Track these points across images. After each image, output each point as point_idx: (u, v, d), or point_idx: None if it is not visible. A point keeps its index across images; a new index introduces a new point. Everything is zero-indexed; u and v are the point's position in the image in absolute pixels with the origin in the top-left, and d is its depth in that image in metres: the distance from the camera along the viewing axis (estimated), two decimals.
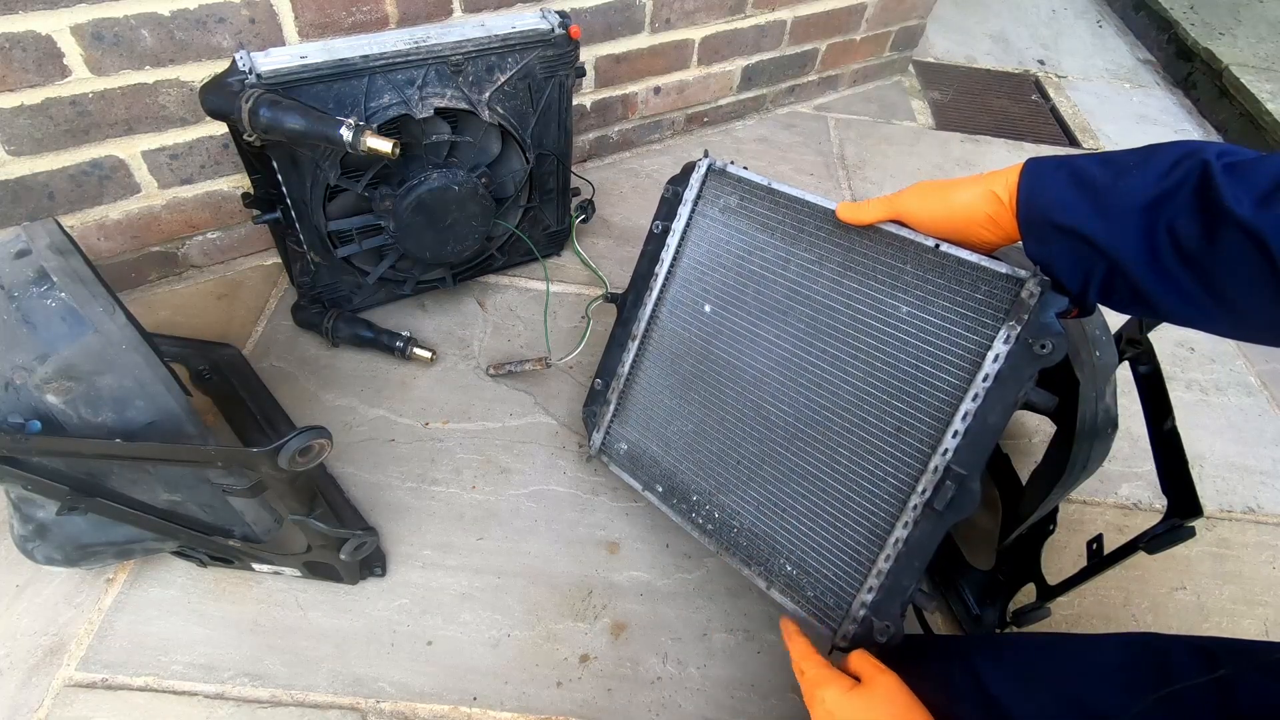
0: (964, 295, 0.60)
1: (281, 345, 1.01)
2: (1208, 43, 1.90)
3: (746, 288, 0.74)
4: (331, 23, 0.95)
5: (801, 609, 0.72)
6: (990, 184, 0.55)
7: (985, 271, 0.58)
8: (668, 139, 1.48)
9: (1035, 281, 0.55)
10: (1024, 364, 0.56)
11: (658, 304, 0.80)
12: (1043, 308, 0.55)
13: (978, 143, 1.62)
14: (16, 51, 0.80)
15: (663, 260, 0.78)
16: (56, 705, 0.69)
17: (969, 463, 0.59)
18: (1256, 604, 0.89)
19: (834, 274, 0.68)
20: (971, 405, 0.59)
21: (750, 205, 0.73)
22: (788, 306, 0.71)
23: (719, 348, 0.76)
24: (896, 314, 0.64)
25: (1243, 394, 1.14)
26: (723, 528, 0.77)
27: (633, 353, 0.82)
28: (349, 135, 0.73)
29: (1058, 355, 0.54)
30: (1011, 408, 0.57)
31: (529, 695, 0.73)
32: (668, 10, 1.24)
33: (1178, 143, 0.49)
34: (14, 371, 0.57)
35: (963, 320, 0.60)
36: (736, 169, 0.74)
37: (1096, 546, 0.72)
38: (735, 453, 0.75)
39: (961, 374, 0.60)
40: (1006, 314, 0.57)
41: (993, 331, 0.58)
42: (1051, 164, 0.52)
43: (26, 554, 0.69)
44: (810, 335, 0.69)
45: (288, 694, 0.71)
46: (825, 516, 0.69)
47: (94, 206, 0.95)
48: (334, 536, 0.69)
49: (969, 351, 0.60)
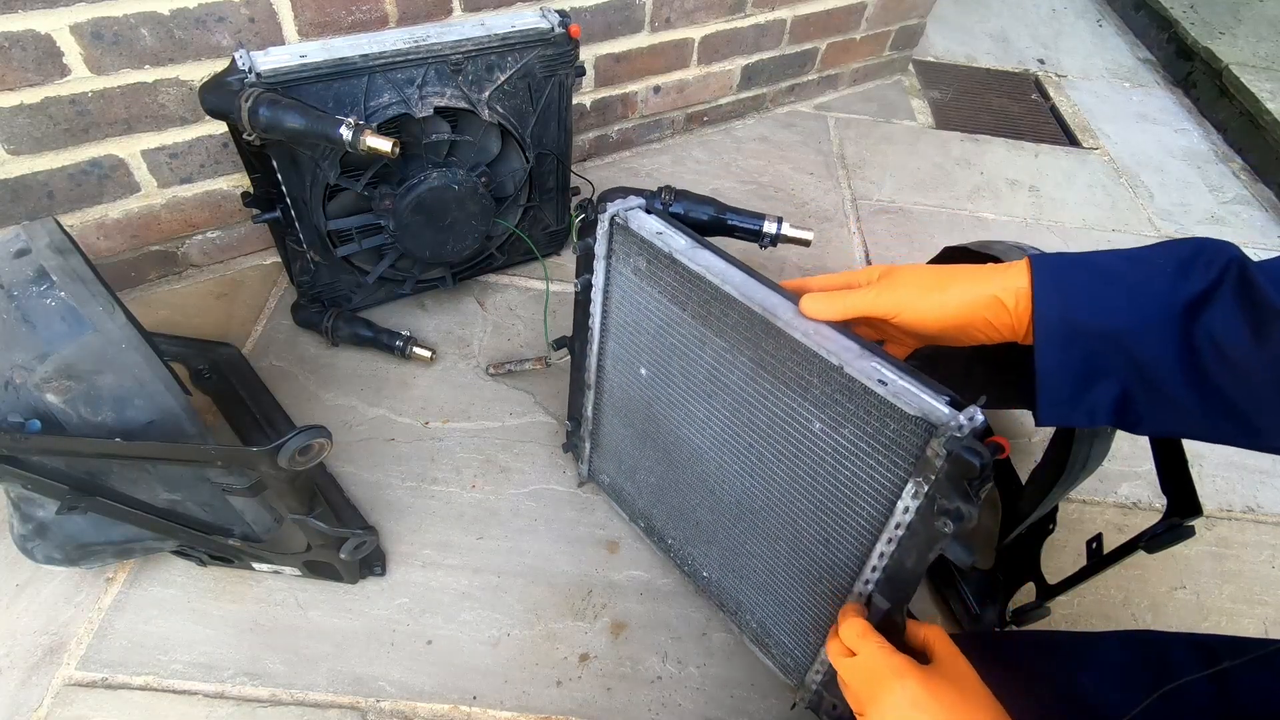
0: (873, 428, 0.50)
1: (281, 344, 1.01)
2: (1208, 42, 1.90)
3: (672, 361, 0.65)
4: (331, 22, 0.95)
5: (768, 660, 0.74)
6: (991, 286, 0.48)
7: (892, 409, 0.48)
8: (667, 138, 1.48)
9: (944, 440, 0.44)
10: (932, 529, 0.48)
11: (601, 355, 0.74)
12: (953, 469, 0.45)
13: (978, 142, 1.62)
14: (16, 50, 0.80)
15: (593, 315, 0.71)
16: (56, 704, 0.69)
17: (891, 596, 0.54)
18: (1256, 603, 0.89)
19: (747, 368, 0.58)
20: (886, 548, 0.52)
21: (658, 272, 0.61)
22: (711, 390, 0.63)
23: (660, 412, 0.70)
24: (810, 428, 0.55)
25: None
26: (695, 574, 0.79)
27: (591, 400, 0.78)
28: (348, 134, 0.73)
29: (966, 528, 0.46)
30: (927, 560, 0.50)
31: (529, 694, 0.73)
32: (667, 9, 1.24)
33: (1198, 239, 0.45)
34: (13, 371, 0.57)
35: (873, 454, 0.51)
36: (640, 222, 0.61)
37: (1096, 546, 0.72)
38: (693, 514, 0.74)
39: (875, 511, 0.53)
40: (914, 464, 0.48)
41: (904, 476, 0.49)
42: (1067, 260, 0.47)
43: (26, 553, 0.69)
44: (736, 425, 0.62)
45: (288, 693, 0.71)
46: (775, 594, 0.68)
47: (93, 206, 0.95)
48: (334, 536, 0.69)
49: (882, 488, 0.51)
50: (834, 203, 1.39)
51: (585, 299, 0.71)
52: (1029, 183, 1.52)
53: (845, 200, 1.40)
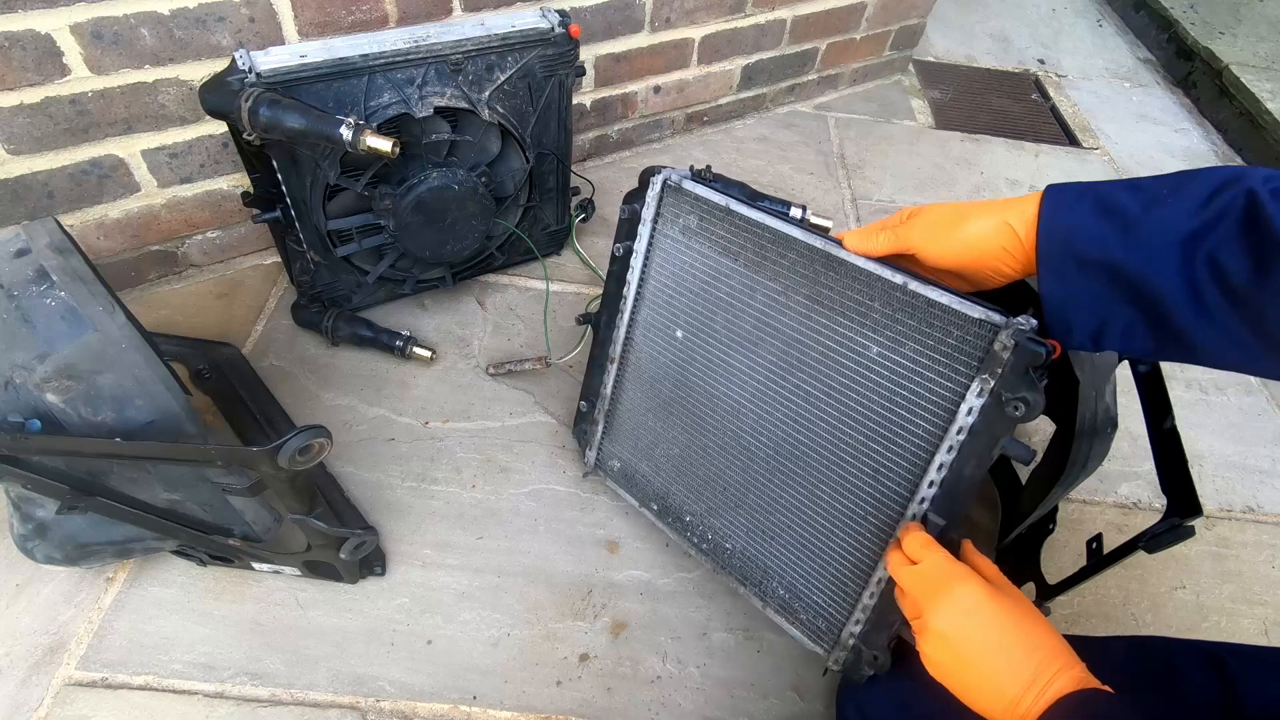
0: (935, 339, 0.54)
1: (281, 344, 1.01)
2: (1208, 42, 1.90)
3: (715, 315, 0.68)
4: (331, 21, 0.95)
5: (796, 629, 0.73)
6: (1004, 214, 0.50)
7: (957, 315, 0.52)
8: (668, 138, 1.48)
9: (1010, 333, 0.49)
10: (998, 421, 0.52)
11: (630, 326, 0.75)
12: (1019, 360, 0.49)
13: (978, 142, 1.62)
14: (16, 50, 0.80)
15: (629, 282, 0.73)
16: (56, 704, 0.69)
17: (947, 512, 0.56)
18: (1256, 603, 0.89)
19: (802, 307, 0.62)
20: (946, 457, 0.55)
21: (710, 227, 0.66)
22: (758, 338, 0.65)
23: (694, 375, 0.72)
24: (867, 354, 0.58)
25: (1242, 393, 1.14)
26: (716, 548, 0.78)
27: (613, 375, 0.79)
28: (349, 134, 0.73)
29: (1034, 415, 0.50)
30: (988, 461, 0.53)
31: (529, 694, 0.73)
32: (668, 9, 1.24)
33: (1216, 169, 0.45)
34: (14, 370, 0.57)
35: (934, 366, 0.55)
36: (693, 185, 0.66)
37: (1096, 545, 0.72)
38: (721, 479, 0.74)
39: (936, 422, 0.56)
40: (980, 364, 0.52)
41: (966, 380, 0.53)
42: (1074, 191, 0.48)
43: (26, 553, 0.69)
44: (782, 369, 0.64)
45: (287, 693, 0.71)
46: (811, 548, 0.68)
47: (93, 205, 0.95)
48: (334, 535, 0.70)
49: (943, 399, 0.55)
50: (834, 202, 1.39)
51: (622, 267, 0.73)
52: (1029, 182, 1.52)
53: (845, 200, 1.40)
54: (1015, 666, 0.46)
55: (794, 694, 0.76)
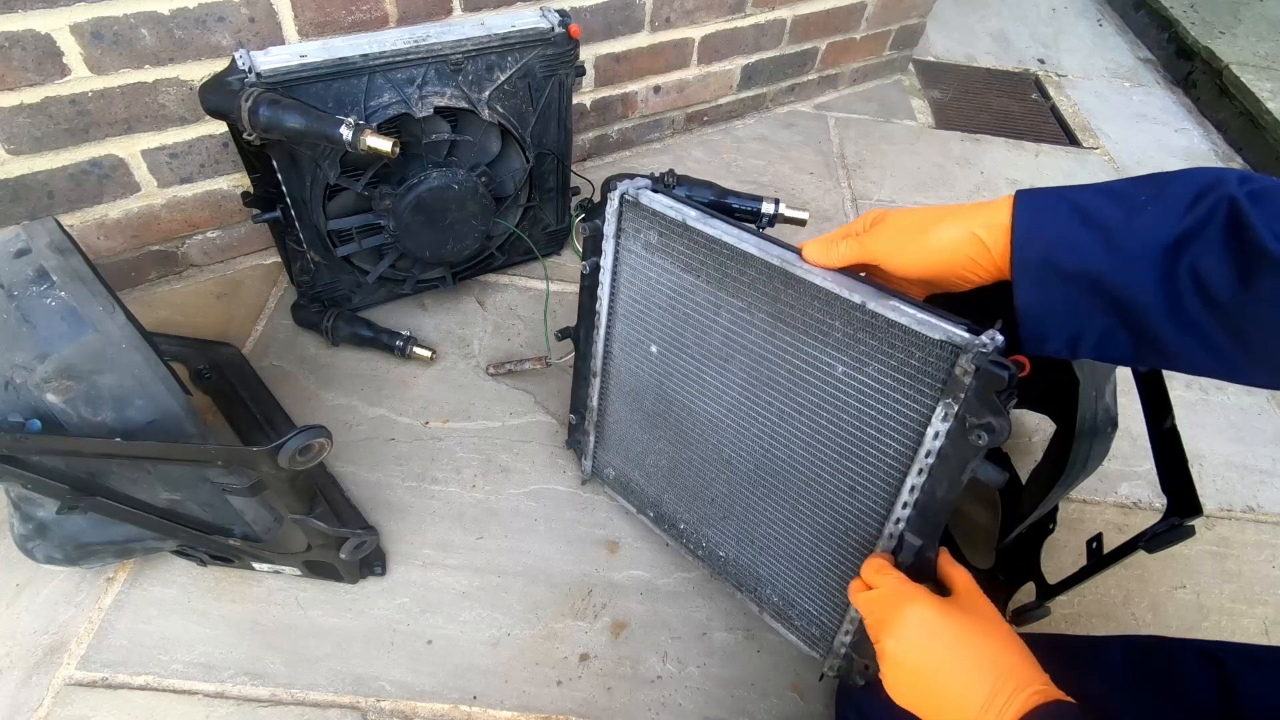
0: (898, 360, 0.52)
1: (281, 344, 1.01)
2: (1208, 41, 1.89)
3: (685, 331, 0.66)
4: (331, 21, 0.95)
5: (791, 634, 0.73)
6: (971, 222, 0.48)
7: (917, 336, 0.50)
8: (668, 138, 1.48)
9: (971, 356, 0.47)
10: (964, 448, 0.50)
11: (608, 341, 0.74)
12: (981, 385, 0.47)
13: (978, 141, 1.62)
14: (16, 50, 0.80)
15: (601, 299, 0.71)
16: (57, 704, 0.69)
17: (923, 532, 0.55)
18: (1256, 603, 0.89)
19: (765, 324, 0.60)
20: (918, 480, 0.54)
21: (670, 243, 0.63)
22: (727, 354, 0.64)
23: (672, 389, 0.71)
24: (833, 373, 0.57)
25: (1242, 393, 1.14)
26: (711, 555, 0.78)
27: (597, 389, 0.79)
28: (349, 134, 0.73)
29: (1000, 441, 0.48)
30: (960, 485, 0.51)
31: (529, 694, 0.73)
32: (668, 9, 1.24)
33: (1193, 171, 0.44)
34: (14, 370, 0.57)
35: (899, 388, 0.53)
36: (650, 198, 0.63)
37: (1096, 545, 0.72)
38: (708, 491, 0.74)
39: (905, 444, 0.54)
40: (943, 387, 0.49)
41: (931, 404, 0.51)
42: (1048, 198, 0.46)
43: (26, 553, 0.69)
44: (754, 386, 0.63)
45: (288, 693, 0.71)
46: (798, 559, 0.68)
47: (94, 205, 0.95)
48: (334, 535, 0.70)
49: (910, 421, 0.53)
50: (834, 202, 1.39)
51: (593, 282, 0.71)
52: (1029, 182, 1.52)
53: (845, 200, 1.40)
54: (969, 689, 0.46)
55: (794, 694, 0.76)
